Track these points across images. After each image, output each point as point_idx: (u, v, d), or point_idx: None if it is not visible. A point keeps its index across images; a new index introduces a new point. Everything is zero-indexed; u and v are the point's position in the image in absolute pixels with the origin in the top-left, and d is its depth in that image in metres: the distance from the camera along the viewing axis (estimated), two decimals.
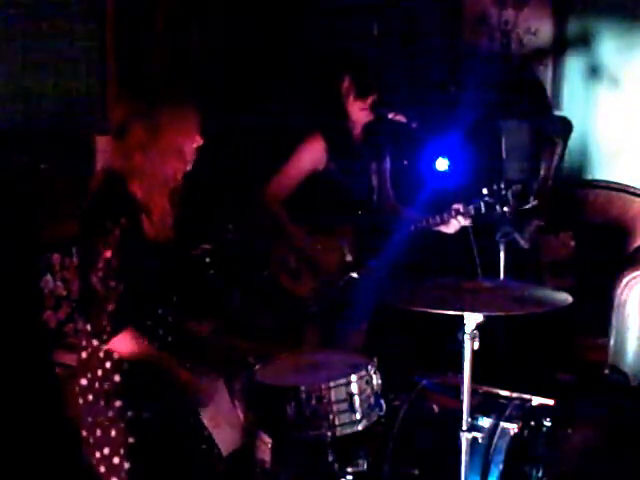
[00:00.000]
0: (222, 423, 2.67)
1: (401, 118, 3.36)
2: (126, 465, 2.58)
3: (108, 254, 2.45)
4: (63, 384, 3.48)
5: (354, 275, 3.43)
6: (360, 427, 2.58)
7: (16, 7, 3.75)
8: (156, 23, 4.52)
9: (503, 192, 3.17)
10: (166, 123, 2.50)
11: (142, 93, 2.58)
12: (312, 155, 3.43)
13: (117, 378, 2.58)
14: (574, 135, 4.91)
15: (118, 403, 2.58)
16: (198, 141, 2.58)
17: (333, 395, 2.53)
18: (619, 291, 4.28)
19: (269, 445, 2.87)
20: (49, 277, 3.65)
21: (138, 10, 4.40)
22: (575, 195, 4.96)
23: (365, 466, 2.74)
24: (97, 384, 2.61)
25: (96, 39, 4.15)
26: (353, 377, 2.57)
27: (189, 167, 2.61)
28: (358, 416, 2.56)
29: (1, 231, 3.37)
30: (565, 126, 4.91)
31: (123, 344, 2.51)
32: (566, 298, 2.50)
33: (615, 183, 4.89)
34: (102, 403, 2.59)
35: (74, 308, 3.69)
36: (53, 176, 3.70)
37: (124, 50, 4.26)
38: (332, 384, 2.54)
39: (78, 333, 2.74)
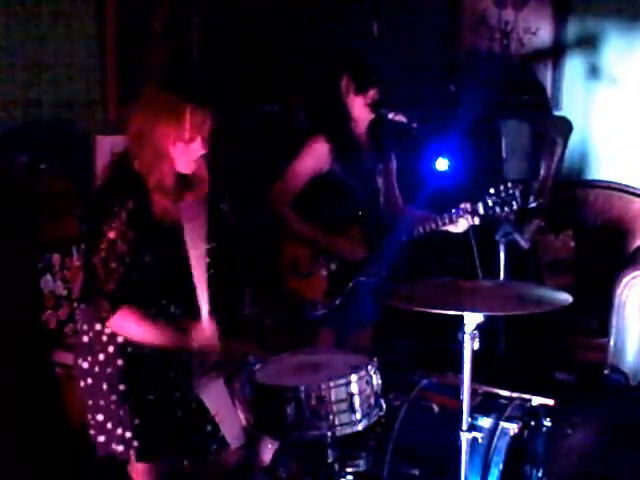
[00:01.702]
0: (223, 422, 2.68)
1: (401, 118, 3.36)
2: (135, 443, 2.62)
3: (112, 235, 2.46)
4: (63, 384, 3.48)
5: (363, 279, 3.42)
6: (360, 427, 2.57)
7: (16, 7, 3.75)
8: (156, 23, 4.53)
9: (510, 191, 3.15)
10: (157, 122, 2.49)
11: (145, 89, 2.59)
12: (316, 157, 3.41)
13: (120, 362, 2.59)
14: (574, 135, 4.91)
15: (122, 387, 2.59)
16: (196, 149, 2.54)
17: (333, 395, 2.53)
18: (619, 291, 4.29)
19: (270, 446, 2.87)
20: (49, 277, 3.65)
21: (138, 10, 4.40)
22: (575, 195, 4.97)
23: (365, 466, 2.74)
24: (98, 368, 2.62)
25: (96, 39, 4.15)
26: (353, 377, 2.56)
27: (185, 170, 2.59)
28: (358, 416, 2.56)
29: (1, 231, 3.37)
30: (565, 126, 4.91)
31: (124, 323, 2.52)
32: (566, 298, 2.50)
33: (615, 183, 4.90)
34: (105, 387, 2.60)
35: (74, 308, 3.69)
36: (53, 176, 3.70)
37: (124, 50, 4.26)
38: (332, 384, 2.53)
39: (78, 333, 2.74)
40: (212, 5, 4.81)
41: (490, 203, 3.17)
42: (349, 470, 2.68)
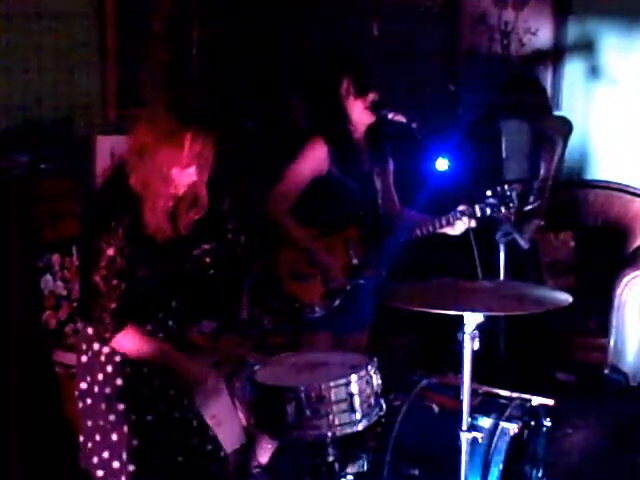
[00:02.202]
0: (223, 422, 2.67)
1: (401, 118, 3.36)
2: (130, 468, 2.58)
3: (111, 252, 2.45)
4: (63, 384, 3.48)
5: (361, 281, 3.41)
6: (360, 427, 2.57)
7: (16, 7, 3.75)
8: (156, 23, 4.53)
9: (508, 193, 3.16)
10: (160, 144, 2.49)
11: (150, 108, 2.59)
12: (315, 160, 3.41)
13: (119, 382, 2.58)
14: (574, 135, 4.91)
15: (121, 407, 2.58)
16: (190, 175, 2.54)
17: (333, 395, 2.53)
18: (619, 291, 4.29)
19: (269, 446, 2.87)
20: (49, 277, 3.65)
21: (138, 10, 4.40)
22: (575, 195, 4.97)
23: (365, 466, 2.74)
24: (97, 388, 2.60)
25: (96, 39, 4.15)
26: (353, 377, 2.56)
27: (178, 193, 2.59)
28: (358, 416, 2.56)
29: (1, 231, 3.37)
30: (565, 126, 4.91)
31: (126, 341, 2.51)
32: (566, 298, 2.51)
33: (615, 183, 4.90)
34: (103, 407, 2.59)
35: (74, 308, 3.69)
36: (53, 176, 3.70)
37: (124, 50, 4.26)
38: (332, 384, 2.53)
39: (78, 333, 2.74)
40: (212, 5, 4.81)
41: (487, 205, 3.19)
42: (349, 470, 2.68)
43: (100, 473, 2.61)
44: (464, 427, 2.52)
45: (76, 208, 3.58)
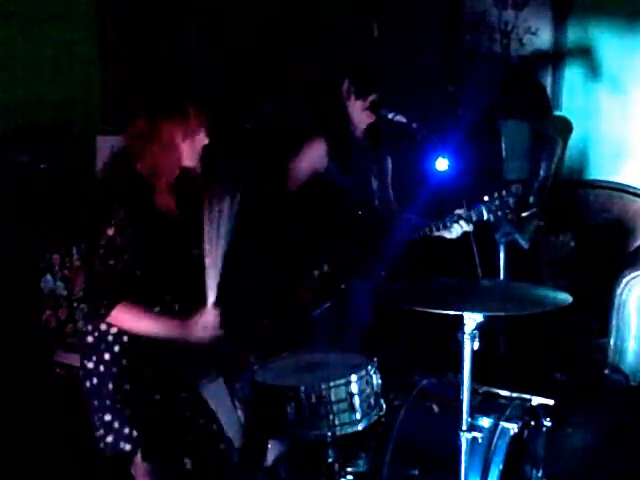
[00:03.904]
0: (222, 422, 2.68)
1: (401, 118, 3.36)
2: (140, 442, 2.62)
3: (110, 232, 2.49)
4: (63, 384, 3.48)
5: (355, 281, 3.42)
6: (360, 427, 2.58)
7: (16, 7, 3.75)
8: (156, 23, 4.52)
9: (505, 199, 3.17)
10: (165, 120, 2.55)
11: (147, 89, 2.64)
12: (313, 158, 3.43)
13: (126, 362, 2.60)
14: (574, 135, 4.91)
15: (127, 386, 2.60)
16: (201, 140, 2.61)
17: (333, 395, 2.53)
18: (619, 291, 4.29)
19: (270, 446, 2.87)
20: (49, 277, 3.65)
21: (138, 10, 4.40)
22: (575, 195, 4.96)
23: (365, 466, 2.74)
24: (103, 367, 2.63)
25: (96, 39, 4.16)
26: (353, 377, 2.57)
27: (190, 163, 2.64)
28: (358, 416, 2.56)
29: (1, 231, 3.37)
30: (565, 126, 4.91)
31: (123, 316, 2.53)
32: (566, 298, 2.51)
33: (615, 183, 4.90)
34: (110, 386, 2.61)
35: (74, 308, 3.69)
36: (53, 176, 3.70)
37: (124, 50, 4.27)
38: (332, 384, 2.54)
39: (78, 333, 2.75)
40: (211, 5, 4.81)
41: (484, 210, 3.20)
42: (349, 470, 2.68)
43: (128, 447, 2.63)
44: (464, 427, 2.52)
45: (76, 208, 3.58)
